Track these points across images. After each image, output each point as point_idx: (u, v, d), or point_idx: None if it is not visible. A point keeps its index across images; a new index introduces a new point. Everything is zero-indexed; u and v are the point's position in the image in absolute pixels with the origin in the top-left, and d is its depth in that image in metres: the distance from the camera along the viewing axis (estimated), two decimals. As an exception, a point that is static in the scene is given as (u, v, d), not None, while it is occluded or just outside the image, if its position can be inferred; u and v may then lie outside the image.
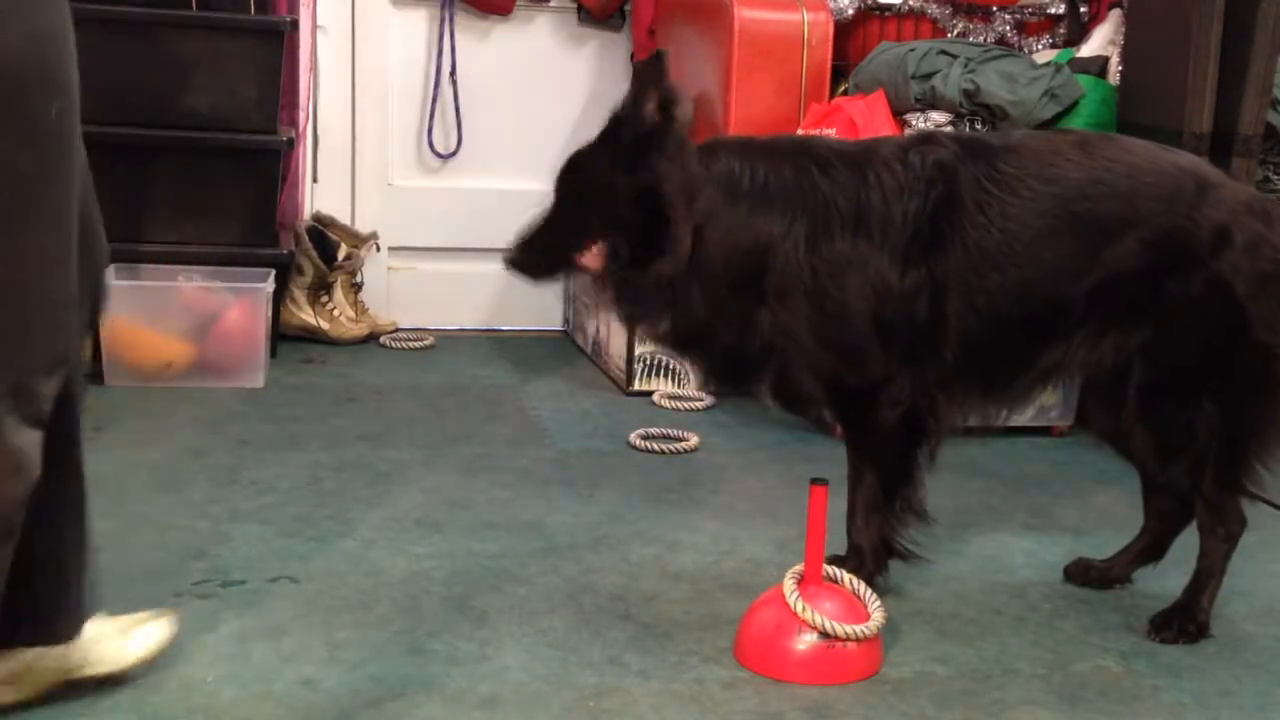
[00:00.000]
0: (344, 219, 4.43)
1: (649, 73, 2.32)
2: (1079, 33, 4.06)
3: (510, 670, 2.22)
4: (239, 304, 3.73)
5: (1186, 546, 2.59)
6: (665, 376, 3.89)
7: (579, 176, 2.41)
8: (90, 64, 4.03)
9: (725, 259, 2.33)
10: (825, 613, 2.23)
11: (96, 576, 2.05)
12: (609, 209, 2.34)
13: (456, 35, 4.45)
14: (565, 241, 2.41)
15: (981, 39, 4.02)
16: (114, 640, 2.05)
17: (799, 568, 2.29)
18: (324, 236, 4.27)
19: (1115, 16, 3.87)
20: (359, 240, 4.37)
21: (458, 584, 2.54)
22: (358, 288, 4.40)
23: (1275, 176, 3.70)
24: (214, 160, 3.92)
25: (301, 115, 4.27)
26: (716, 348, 2.42)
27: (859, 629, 2.23)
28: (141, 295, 3.68)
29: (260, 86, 3.92)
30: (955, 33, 4.04)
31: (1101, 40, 3.87)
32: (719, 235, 2.33)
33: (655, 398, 3.85)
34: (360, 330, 4.32)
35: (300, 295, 4.23)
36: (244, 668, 2.17)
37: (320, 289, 4.26)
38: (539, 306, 4.57)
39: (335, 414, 3.56)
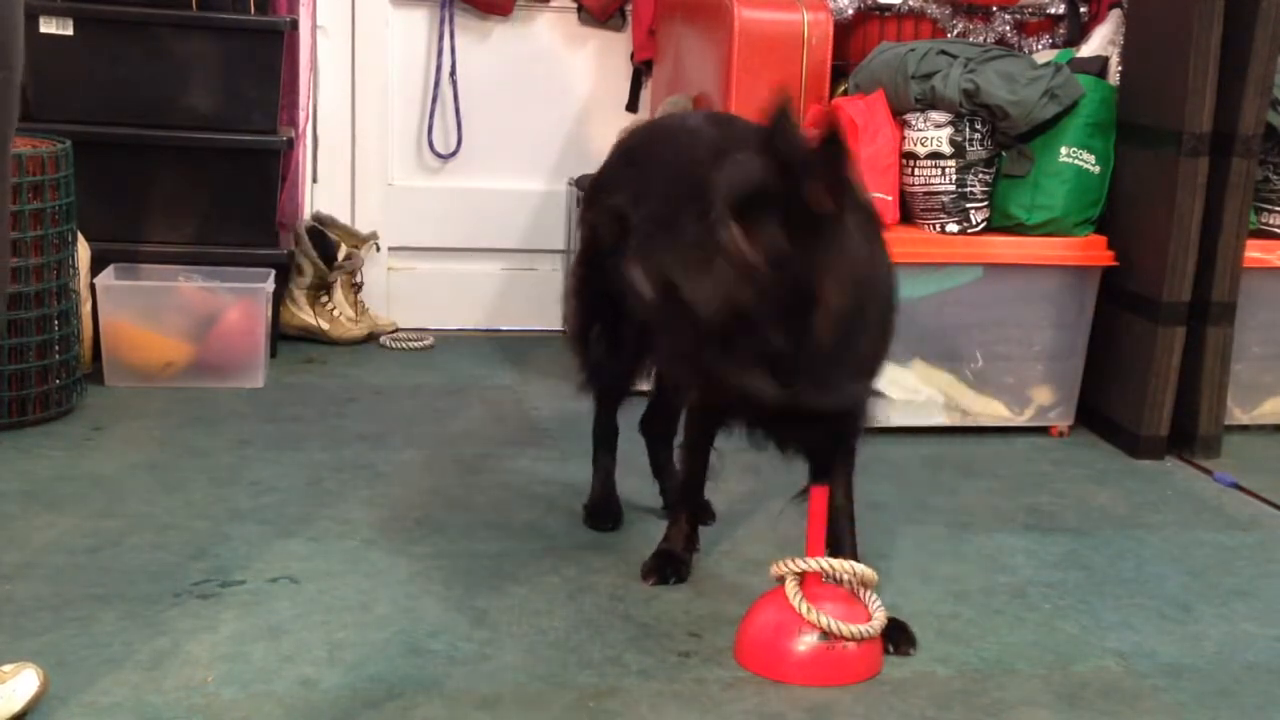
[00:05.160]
0: (344, 219, 4.43)
1: (827, 154, 2.09)
2: (1079, 33, 4.06)
3: (510, 670, 2.22)
4: (239, 304, 3.73)
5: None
6: (665, 376, 3.89)
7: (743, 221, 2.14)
8: (90, 64, 4.07)
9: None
10: (827, 614, 2.23)
11: None
12: (765, 278, 2.11)
13: (456, 35, 4.44)
14: (706, 296, 2.14)
15: (981, 39, 4.02)
16: None
17: (800, 569, 2.29)
18: (324, 236, 4.27)
19: (1115, 16, 3.87)
20: (359, 240, 4.37)
21: (458, 584, 2.54)
22: (358, 288, 4.39)
23: (1275, 176, 3.70)
24: (214, 160, 3.92)
25: (301, 115, 4.27)
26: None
27: (863, 629, 2.23)
28: (141, 295, 3.68)
29: (260, 86, 3.92)
30: (955, 33, 4.04)
31: (1101, 40, 3.87)
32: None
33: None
34: (360, 330, 4.32)
35: (300, 295, 4.23)
36: (244, 668, 2.17)
37: (320, 289, 4.26)
38: (539, 306, 4.57)
39: (335, 414, 3.56)
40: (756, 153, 2.13)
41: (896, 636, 2.36)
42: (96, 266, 3.69)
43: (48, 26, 3.76)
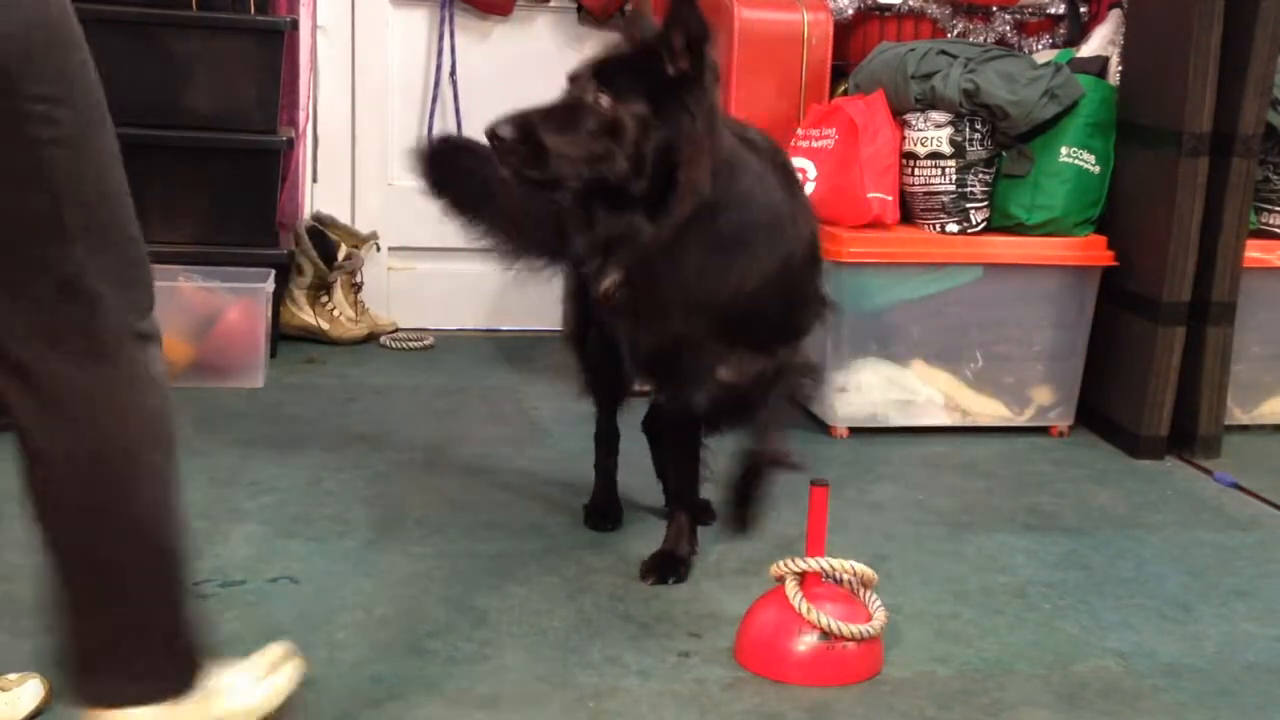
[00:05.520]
0: (344, 219, 4.43)
1: (680, 9, 2.16)
2: (1079, 33, 4.07)
3: (510, 670, 2.22)
4: (239, 304, 3.73)
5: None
6: (665, 376, 3.88)
7: (608, 90, 2.22)
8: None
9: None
10: (827, 614, 2.23)
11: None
12: (626, 139, 2.19)
13: (456, 35, 4.44)
14: (566, 148, 2.23)
15: (981, 39, 4.02)
16: (246, 693, 1.84)
17: (800, 569, 2.29)
18: (324, 236, 4.27)
19: (1115, 16, 3.87)
20: (359, 240, 4.37)
21: (458, 584, 2.54)
22: (358, 288, 4.39)
23: (1275, 176, 3.70)
24: (214, 160, 3.92)
25: (301, 115, 4.27)
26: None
27: (863, 628, 2.23)
28: (141, 295, 3.68)
29: (260, 86, 3.92)
30: (955, 33, 4.04)
31: (1101, 40, 3.87)
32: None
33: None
34: (360, 330, 4.32)
35: (300, 295, 4.23)
36: (244, 668, 2.17)
37: (320, 289, 4.26)
38: (539, 306, 4.56)
39: (335, 414, 3.56)
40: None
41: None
42: (96, 266, 3.69)
43: (48, 26, 3.75)
